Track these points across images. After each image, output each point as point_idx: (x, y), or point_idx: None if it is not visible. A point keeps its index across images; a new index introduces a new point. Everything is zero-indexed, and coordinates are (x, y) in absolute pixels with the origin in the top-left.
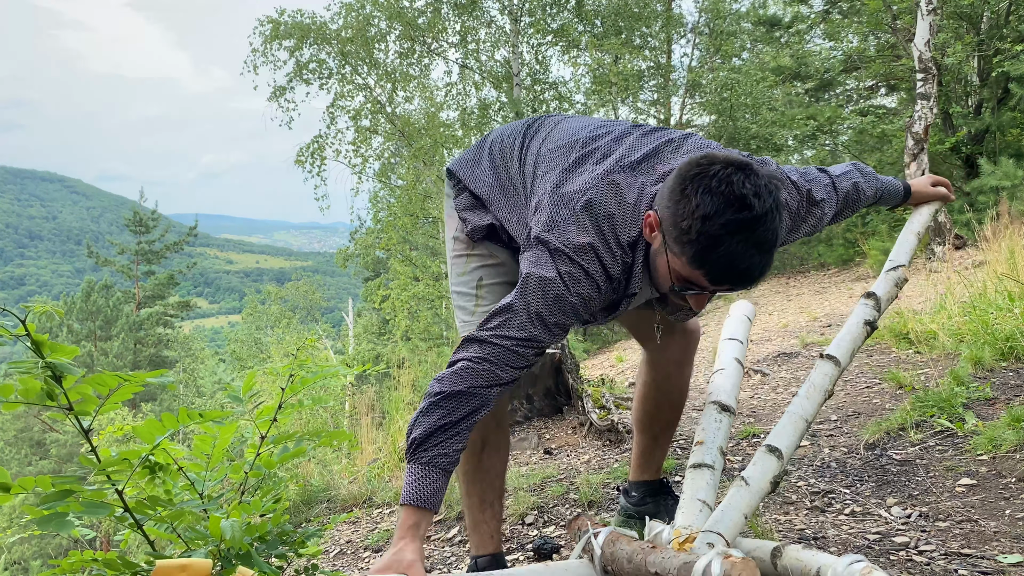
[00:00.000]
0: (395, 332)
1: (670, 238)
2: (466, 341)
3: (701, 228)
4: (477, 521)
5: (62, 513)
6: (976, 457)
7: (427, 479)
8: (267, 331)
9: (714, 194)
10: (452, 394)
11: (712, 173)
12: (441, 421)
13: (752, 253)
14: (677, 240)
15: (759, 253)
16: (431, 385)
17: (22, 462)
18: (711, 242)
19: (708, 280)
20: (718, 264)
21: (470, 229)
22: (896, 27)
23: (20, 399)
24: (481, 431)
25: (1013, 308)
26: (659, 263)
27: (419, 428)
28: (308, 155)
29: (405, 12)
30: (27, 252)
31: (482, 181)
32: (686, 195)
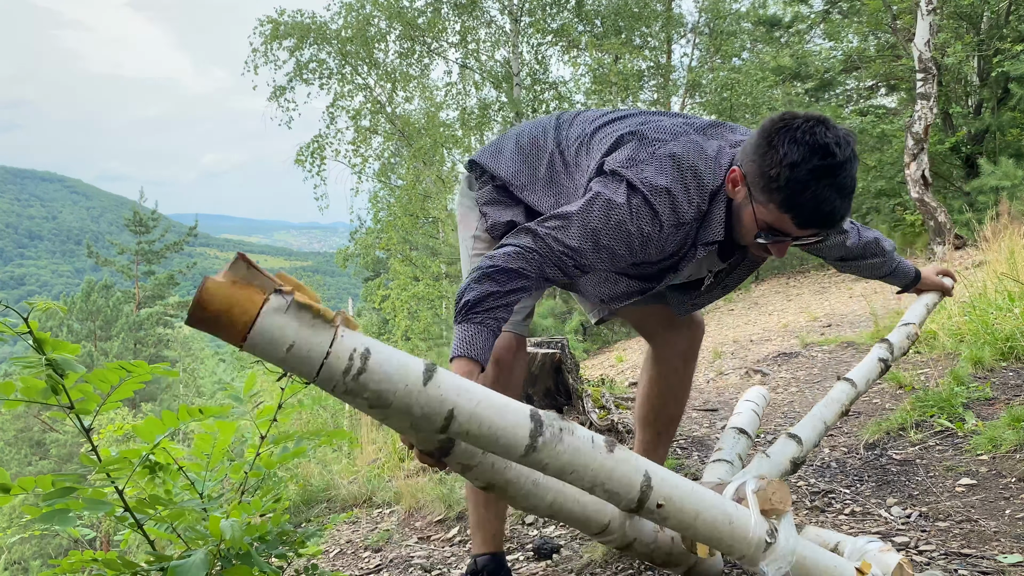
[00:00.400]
0: (395, 332)
1: (756, 189)
2: (521, 230)
3: (790, 175)
4: (481, 520)
5: (63, 510)
6: (976, 457)
7: (480, 335)
8: None
9: (800, 143)
10: (504, 269)
11: (796, 126)
12: (492, 289)
13: (835, 197)
14: (765, 189)
15: (840, 198)
16: (481, 262)
17: (22, 462)
18: (799, 187)
19: (796, 224)
20: (806, 207)
21: (490, 225)
22: (896, 27)
23: (21, 397)
24: None
25: (1013, 308)
26: (744, 215)
27: (471, 293)
28: (308, 155)
29: (405, 12)
30: (27, 252)
31: (509, 167)
32: (773, 146)
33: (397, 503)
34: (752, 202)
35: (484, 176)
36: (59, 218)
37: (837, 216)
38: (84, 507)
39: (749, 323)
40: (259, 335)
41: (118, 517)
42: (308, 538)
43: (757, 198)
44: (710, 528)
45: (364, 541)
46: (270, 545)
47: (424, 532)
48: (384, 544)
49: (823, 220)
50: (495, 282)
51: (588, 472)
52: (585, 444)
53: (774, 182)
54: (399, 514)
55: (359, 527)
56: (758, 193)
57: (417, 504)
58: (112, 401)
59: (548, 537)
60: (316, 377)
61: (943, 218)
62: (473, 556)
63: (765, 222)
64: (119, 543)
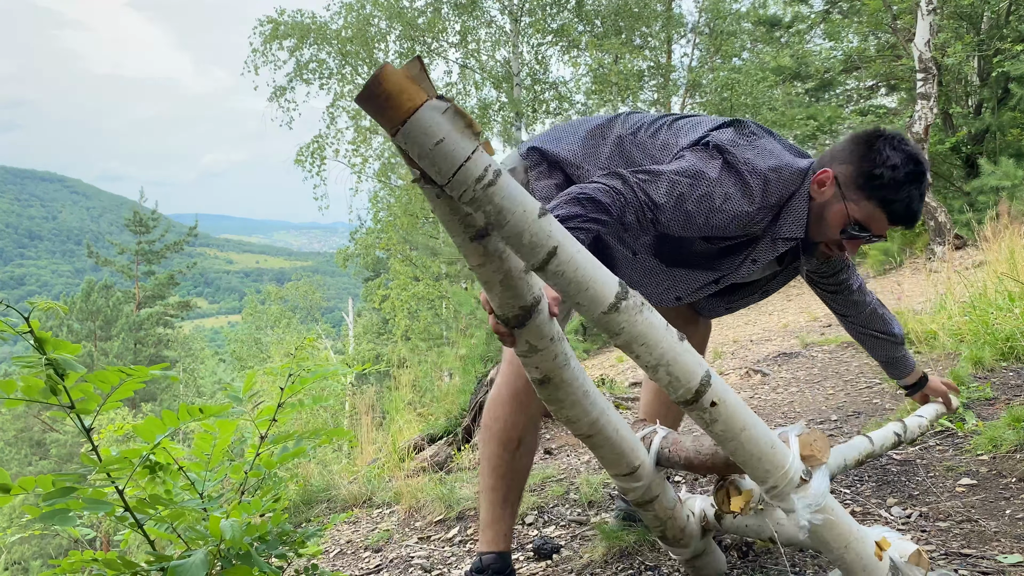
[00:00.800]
0: (395, 332)
1: (851, 188)
2: (612, 174)
3: (892, 175)
4: (495, 518)
5: (63, 510)
6: (976, 457)
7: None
8: (267, 331)
9: (898, 151)
10: (593, 199)
11: (889, 136)
12: (578, 211)
13: (919, 199)
14: (863, 187)
15: (920, 201)
16: (571, 189)
17: (22, 462)
18: (896, 187)
19: (888, 218)
20: (899, 205)
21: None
22: (896, 27)
23: (22, 396)
24: (519, 431)
25: (1013, 308)
26: (832, 212)
27: (560, 210)
28: (308, 155)
29: (405, 12)
30: (27, 252)
31: (571, 149)
32: (875, 150)
33: (397, 503)
34: (844, 200)
35: (542, 164)
36: (59, 218)
37: (918, 216)
38: (84, 507)
39: (749, 323)
40: (416, 124)
41: (118, 517)
42: (308, 538)
43: (850, 196)
44: (753, 445)
45: (364, 541)
46: (270, 545)
47: (424, 532)
48: (384, 544)
49: (909, 217)
50: (583, 207)
51: (658, 348)
52: (660, 324)
53: (876, 179)
54: (399, 514)
55: (359, 527)
56: (852, 192)
57: (417, 504)
58: (112, 401)
59: (548, 537)
60: (452, 177)
61: (943, 218)
62: (479, 554)
63: (855, 218)
64: (119, 543)
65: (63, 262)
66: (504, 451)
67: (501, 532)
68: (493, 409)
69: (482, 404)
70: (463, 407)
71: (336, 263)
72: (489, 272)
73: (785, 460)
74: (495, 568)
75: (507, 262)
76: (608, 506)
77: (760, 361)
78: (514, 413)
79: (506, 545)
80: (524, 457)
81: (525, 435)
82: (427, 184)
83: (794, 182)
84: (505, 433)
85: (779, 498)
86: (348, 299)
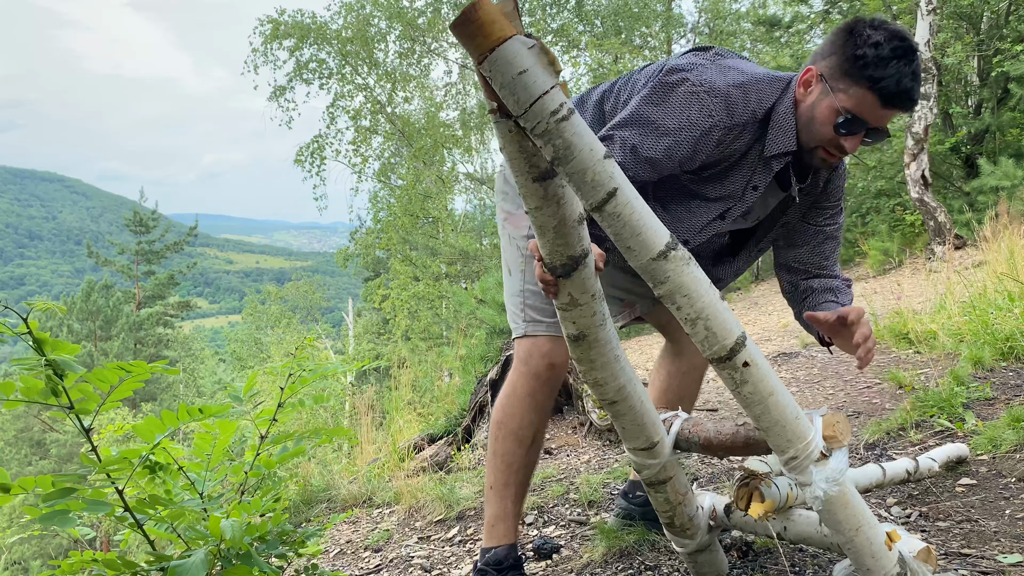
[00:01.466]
0: (395, 332)
1: (838, 78)
2: (603, 139)
3: (876, 53)
4: (506, 513)
5: (63, 510)
6: (976, 457)
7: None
8: (267, 331)
9: (879, 29)
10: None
11: (869, 20)
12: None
13: (910, 77)
14: (849, 72)
15: (915, 81)
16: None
17: (22, 462)
18: (883, 63)
19: (880, 100)
20: (889, 82)
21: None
22: None
23: (21, 397)
24: (534, 429)
25: (1013, 308)
26: (821, 109)
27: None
28: (307, 155)
29: (405, 12)
30: (27, 252)
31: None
32: (855, 34)
33: (397, 503)
34: (832, 93)
35: None
36: (59, 218)
37: (914, 96)
38: (84, 507)
39: (749, 323)
40: (503, 53)
41: (118, 517)
42: (308, 538)
43: (837, 87)
44: (778, 411)
45: (364, 541)
46: (270, 545)
47: (424, 532)
48: (384, 544)
49: (903, 97)
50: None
51: (700, 301)
52: (704, 280)
53: (860, 60)
54: (399, 514)
55: (359, 527)
56: (839, 82)
57: (417, 504)
58: (112, 401)
59: (548, 537)
60: (529, 107)
61: (943, 218)
62: (491, 548)
63: (847, 108)
64: (119, 543)
65: (63, 262)
66: (519, 447)
67: (512, 526)
68: (508, 406)
69: (482, 404)
70: (463, 407)
71: (336, 263)
72: (545, 216)
73: (808, 433)
74: (512, 560)
75: (564, 208)
76: (608, 506)
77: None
78: (530, 411)
79: (515, 537)
80: (535, 452)
81: (537, 432)
82: (502, 118)
83: (771, 94)
84: (521, 430)
85: (798, 470)
86: (348, 299)
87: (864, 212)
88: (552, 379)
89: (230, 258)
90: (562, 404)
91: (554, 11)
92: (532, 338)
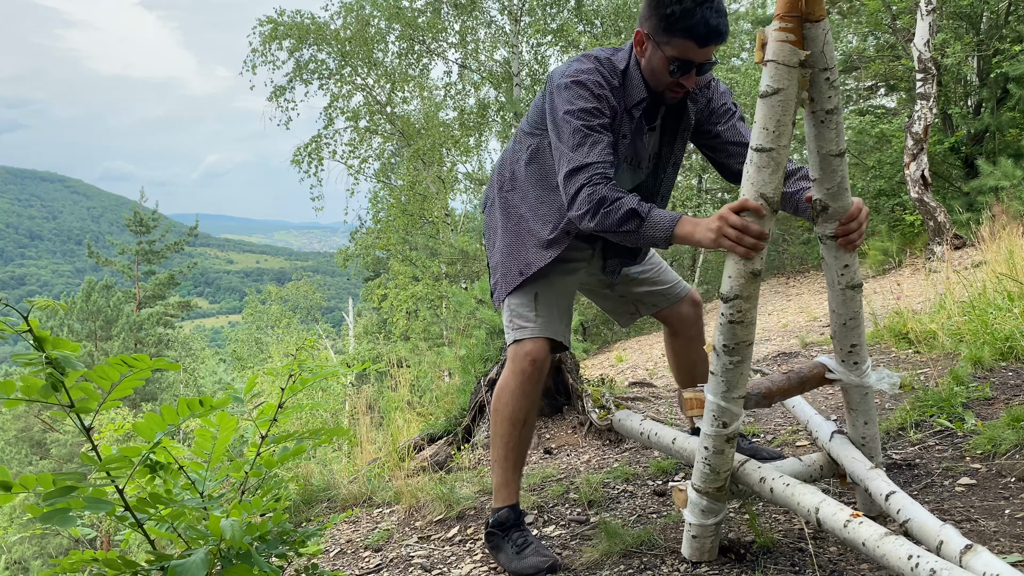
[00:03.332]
0: (394, 332)
1: (659, 34)
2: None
3: (681, 7)
4: (507, 480)
5: (64, 509)
6: (976, 457)
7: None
8: (267, 331)
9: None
10: (599, 200)
11: None
12: (606, 209)
13: (716, 15)
14: (666, 29)
15: (720, 16)
16: (586, 193)
17: (22, 462)
18: (689, 13)
19: (697, 43)
20: (699, 26)
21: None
22: (896, 27)
23: (22, 396)
24: (524, 413)
25: (1012, 308)
26: (655, 61)
27: (612, 219)
28: (305, 155)
29: (405, 12)
30: (27, 252)
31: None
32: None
33: (397, 503)
34: (660, 48)
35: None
36: (59, 218)
37: (723, 28)
38: (85, 506)
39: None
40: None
41: (119, 516)
42: (308, 538)
43: (661, 41)
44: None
45: (364, 541)
46: (270, 545)
47: (424, 532)
48: (384, 544)
49: (715, 34)
50: (605, 209)
51: None
52: None
53: (671, 16)
54: (399, 514)
55: (359, 527)
56: (661, 37)
57: (417, 504)
58: (112, 399)
59: (548, 537)
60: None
61: (943, 218)
62: (495, 510)
63: (674, 56)
64: (119, 542)
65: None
66: (513, 428)
67: (513, 490)
68: (503, 396)
69: (482, 404)
70: (463, 407)
71: (336, 263)
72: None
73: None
74: (514, 519)
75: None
76: (608, 505)
77: (760, 361)
78: (520, 398)
79: (516, 499)
80: (527, 431)
81: (528, 415)
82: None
83: (616, 63)
84: (514, 415)
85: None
86: (348, 299)
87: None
88: (535, 372)
89: (230, 258)
90: (562, 404)
91: (554, 11)
92: (519, 342)
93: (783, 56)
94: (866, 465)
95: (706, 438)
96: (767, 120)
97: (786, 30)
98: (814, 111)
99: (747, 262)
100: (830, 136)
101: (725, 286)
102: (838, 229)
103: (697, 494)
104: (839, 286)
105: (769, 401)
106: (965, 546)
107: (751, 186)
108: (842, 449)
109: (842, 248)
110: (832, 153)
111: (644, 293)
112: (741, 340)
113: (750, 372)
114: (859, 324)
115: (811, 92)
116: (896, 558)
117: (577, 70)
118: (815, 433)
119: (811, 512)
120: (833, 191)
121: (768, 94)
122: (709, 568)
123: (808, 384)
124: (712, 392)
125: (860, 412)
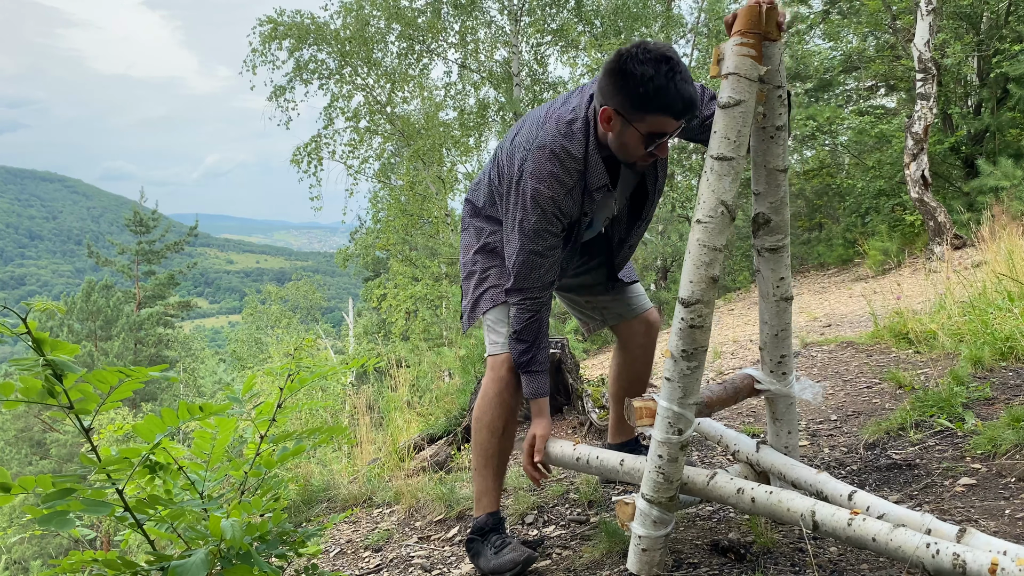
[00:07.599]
0: (393, 332)
1: (629, 111)
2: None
3: (653, 85)
4: (489, 488)
5: (63, 511)
6: (976, 457)
7: (540, 379)
8: (267, 331)
9: (645, 63)
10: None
11: (633, 54)
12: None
13: (686, 85)
14: (639, 107)
15: (689, 84)
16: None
17: (22, 462)
18: (662, 90)
19: (673, 116)
20: (675, 102)
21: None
22: (896, 27)
23: (20, 398)
24: (503, 421)
25: (1012, 308)
26: (627, 137)
27: (520, 355)
28: (305, 155)
29: (404, 12)
30: (27, 252)
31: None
32: (628, 74)
33: (397, 503)
34: (632, 125)
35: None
36: (59, 218)
37: (695, 98)
38: (84, 508)
39: (749, 323)
40: (771, 48)
41: (118, 517)
42: (308, 538)
43: (635, 119)
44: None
45: (364, 541)
46: (270, 545)
47: (424, 532)
48: (384, 544)
49: (689, 105)
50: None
51: None
52: None
53: (644, 96)
54: (399, 514)
55: (359, 527)
56: (633, 115)
57: (417, 504)
58: (111, 401)
59: (548, 537)
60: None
61: (943, 218)
62: (475, 519)
63: (649, 131)
64: (119, 543)
65: (63, 262)
66: (492, 436)
67: (493, 498)
68: (481, 406)
69: None
70: (463, 407)
71: (336, 263)
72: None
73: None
74: (493, 523)
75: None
76: (608, 505)
77: (755, 364)
78: (499, 407)
79: (497, 507)
80: (506, 440)
81: (507, 424)
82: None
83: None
84: (493, 423)
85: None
86: (348, 299)
87: (864, 212)
88: (512, 381)
89: (230, 258)
90: (562, 404)
91: (554, 11)
92: (496, 354)
93: (744, 69)
94: (812, 471)
95: (660, 446)
96: (728, 130)
97: (748, 45)
98: (765, 126)
99: (707, 266)
100: (777, 152)
101: (686, 291)
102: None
103: (648, 504)
104: (773, 298)
105: (711, 410)
106: (960, 530)
107: (712, 194)
108: (775, 458)
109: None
110: (778, 168)
111: (609, 301)
112: (700, 345)
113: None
114: (789, 336)
115: (765, 108)
116: (913, 547)
117: (536, 185)
118: (734, 446)
119: (806, 516)
120: (776, 204)
121: (730, 105)
122: (709, 568)
123: (741, 394)
124: (667, 398)
125: (784, 422)
